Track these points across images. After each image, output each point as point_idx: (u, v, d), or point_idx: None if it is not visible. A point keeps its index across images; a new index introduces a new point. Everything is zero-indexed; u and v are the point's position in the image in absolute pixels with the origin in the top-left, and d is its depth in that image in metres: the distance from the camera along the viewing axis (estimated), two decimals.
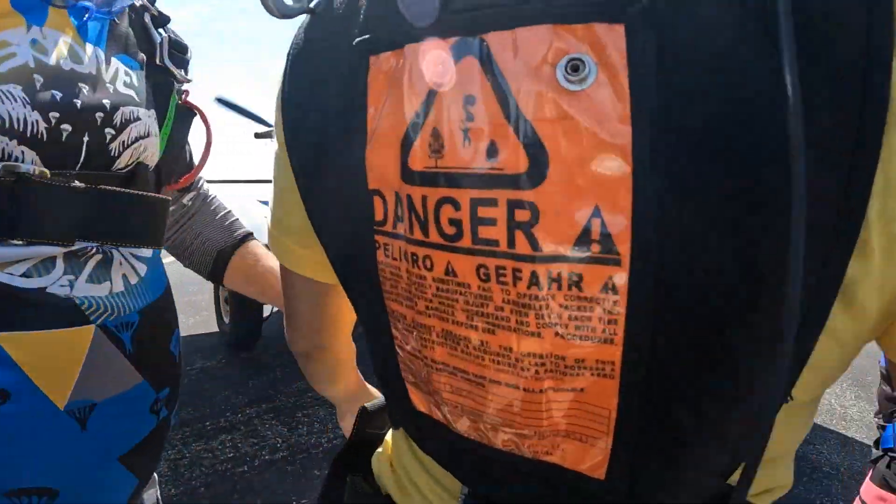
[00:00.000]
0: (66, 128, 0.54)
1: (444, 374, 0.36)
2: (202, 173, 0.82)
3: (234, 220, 0.88)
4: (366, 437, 0.55)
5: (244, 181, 3.10)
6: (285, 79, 0.41)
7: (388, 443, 0.53)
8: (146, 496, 0.76)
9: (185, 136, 0.76)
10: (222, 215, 0.87)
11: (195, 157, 0.82)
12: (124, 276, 0.62)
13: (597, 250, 0.28)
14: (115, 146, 0.59)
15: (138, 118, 0.61)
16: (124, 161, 0.61)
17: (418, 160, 0.32)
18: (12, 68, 0.52)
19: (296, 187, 0.43)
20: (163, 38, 0.69)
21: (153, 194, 0.65)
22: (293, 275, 0.50)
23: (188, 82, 0.73)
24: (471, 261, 0.31)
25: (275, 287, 0.82)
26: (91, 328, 0.58)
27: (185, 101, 0.73)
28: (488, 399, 0.34)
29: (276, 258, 0.50)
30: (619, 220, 0.27)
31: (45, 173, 0.53)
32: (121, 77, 0.61)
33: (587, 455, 0.33)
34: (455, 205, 0.31)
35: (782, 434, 0.33)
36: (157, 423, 0.68)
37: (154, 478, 0.78)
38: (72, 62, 0.56)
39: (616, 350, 0.29)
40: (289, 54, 0.41)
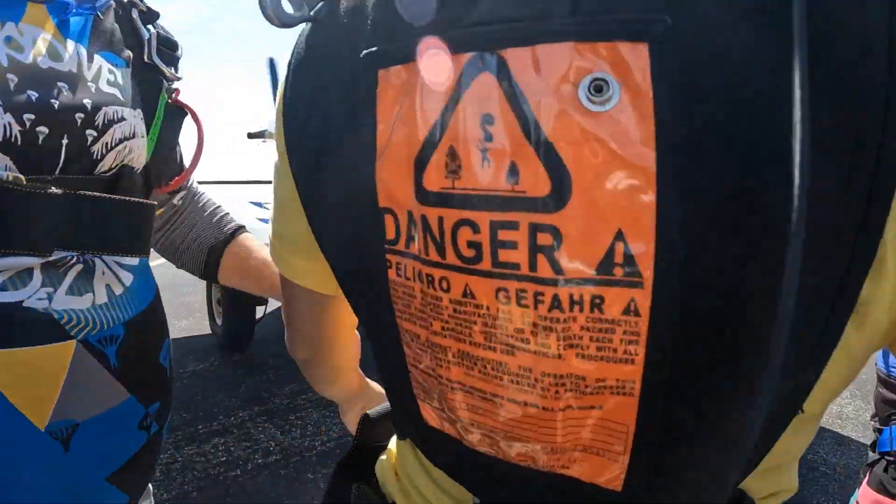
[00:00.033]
0: (43, 130, 0.52)
1: (459, 393, 0.35)
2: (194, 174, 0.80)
3: (224, 214, 0.86)
4: (369, 445, 0.55)
5: (236, 182, 3.07)
6: (286, 86, 0.41)
7: (391, 451, 0.52)
8: None
9: (176, 137, 0.74)
10: (211, 211, 0.85)
11: (186, 157, 0.80)
12: (108, 287, 0.60)
13: (619, 273, 0.28)
14: (97, 148, 0.56)
15: (123, 118, 0.59)
16: (108, 164, 0.58)
17: (434, 180, 0.31)
18: None
19: (296, 196, 0.42)
20: (151, 35, 0.67)
21: (139, 199, 0.62)
22: (294, 285, 0.49)
23: (178, 80, 0.71)
24: (490, 283, 0.31)
25: (269, 278, 0.81)
26: (72, 344, 0.55)
27: (176, 100, 0.71)
28: (505, 416, 0.34)
29: (267, 249, 0.48)
30: (642, 243, 0.27)
31: (20, 179, 0.51)
32: (104, 75, 0.58)
33: (606, 469, 0.33)
34: (474, 227, 0.30)
35: (791, 443, 0.34)
36: (148, 440, 0.65)
37: (149, 489, 0.76)
38: (50, 60, 0.53)
39: (637, 369, 0.29)
40: (290, 62, 0.41)
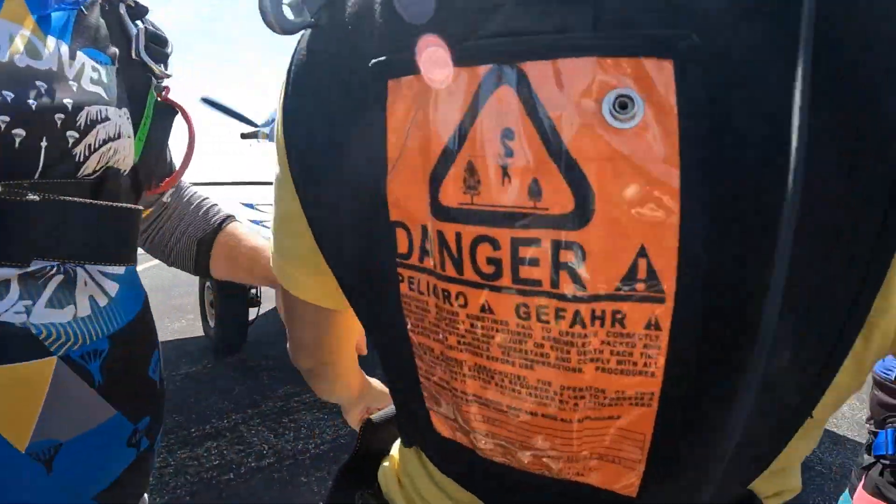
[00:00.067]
0: (20, 132, 0.48)
1: (474, 405, 0.35)
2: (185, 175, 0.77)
3: (211, 206, 0.84)
4: (371, 451, 0.55)
5: (228, 183, 3.03)
6: (287, 91, 0.40)
7: (394, 457, 0.52)
8: None
9: (166, 137, 0.71)
10: (197, 204, 0.83)
11: (177, 157, 0.77)
12: (91, 298, 0.56)
13: (642, 289, 0.28)
14: (79, 150, 0.53)
15: (107, 118, 0.55)
16: (92, 166, 0.55)
17: (451, 196, 0.31)
18: None
19: (300, 209, 0.41)
20: (139, 30, 0.63)
21: (123, 204, 0.59)
22: (297, 300, 0.49)
23: (167, 77, 0.68)
24: (510, 299, 0.30)
25: (262, 265, 0.78)
26: (52, 360, 0.52)
27: (166, 98, 0.67)
28: (522, 428, 0.34)
29: (258, 236, 0.46)
30: (664, 260, 0.27)
31: None
32: (87, 73, 0.55)
33: (622, 476, 0.33)
34: (494, 244, 0.30)
35: (798, 447, 0.36)
36: (137, 456, 0.62)
37: (144, 499, 0.72)
38: (28, 58, 0.50)
39: (656, 382, 0.30)
40: (290, 68, 0.40)
